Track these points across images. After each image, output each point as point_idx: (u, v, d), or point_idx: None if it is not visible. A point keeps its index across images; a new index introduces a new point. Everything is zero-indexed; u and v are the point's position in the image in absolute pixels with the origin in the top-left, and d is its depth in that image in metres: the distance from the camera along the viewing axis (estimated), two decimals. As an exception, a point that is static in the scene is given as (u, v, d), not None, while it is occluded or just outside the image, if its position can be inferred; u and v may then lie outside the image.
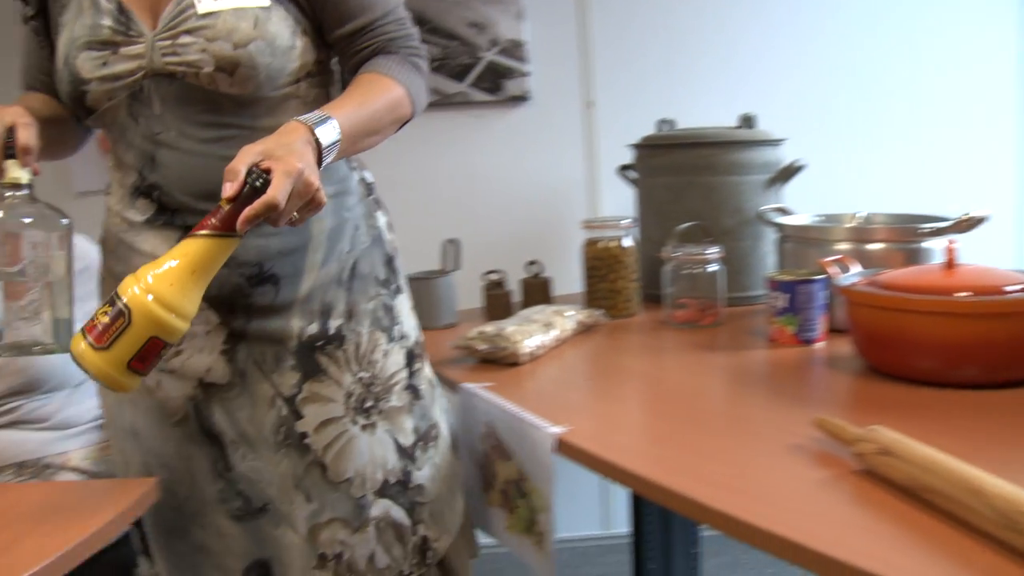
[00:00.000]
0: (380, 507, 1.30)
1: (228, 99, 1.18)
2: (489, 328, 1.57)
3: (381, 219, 1.38)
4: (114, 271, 1.28)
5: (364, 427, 1.28)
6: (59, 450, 1.76)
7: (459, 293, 1.95)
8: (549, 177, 2.57)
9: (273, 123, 1.12)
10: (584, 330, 1.76)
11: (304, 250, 1.25)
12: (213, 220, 1.00)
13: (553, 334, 1.63)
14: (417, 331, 1.41)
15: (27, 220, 1.09)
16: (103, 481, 1.14)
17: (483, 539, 1.48)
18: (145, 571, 1.38)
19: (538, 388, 1.45)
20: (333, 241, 1.27)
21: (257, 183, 0.99)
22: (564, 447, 1.18)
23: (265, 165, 1.00)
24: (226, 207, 1.00)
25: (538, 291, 1.98)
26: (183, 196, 1.19)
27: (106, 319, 0.97)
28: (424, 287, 1.89)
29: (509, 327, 1.57)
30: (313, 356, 1.25)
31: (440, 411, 1.43)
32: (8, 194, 1.09)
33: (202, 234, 0.99)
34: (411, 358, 1.36)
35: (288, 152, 1.01)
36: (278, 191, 0.98)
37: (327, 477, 1.26)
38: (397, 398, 1.32)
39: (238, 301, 1.23)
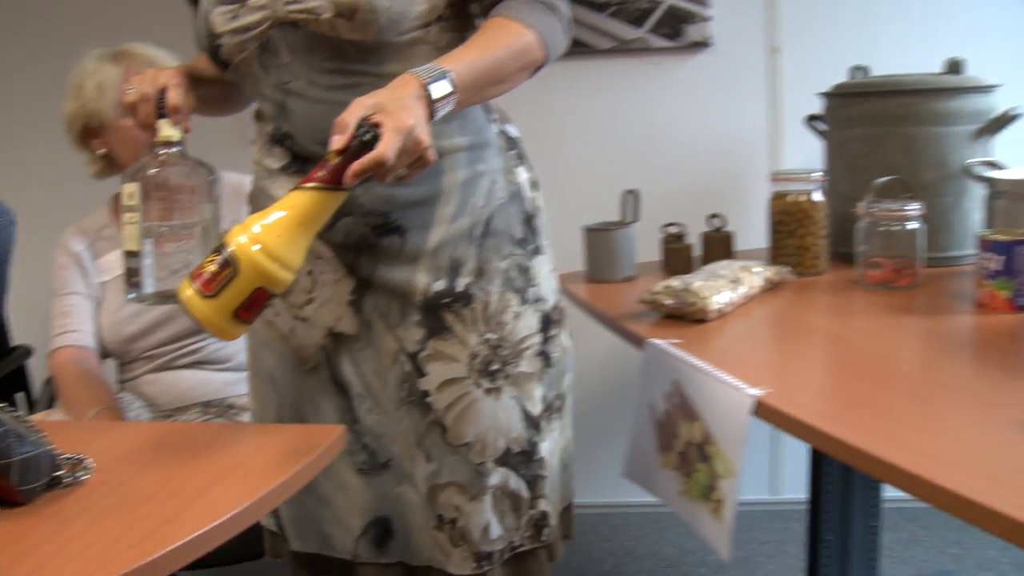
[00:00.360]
0: (499, 476, 1.26)
1: (352, 45, 1.15)
2: (675, 282, 1.51)
3: (522, 175, 1.32)
4: None
5: (488, 391, 1.24)
6: (241, 391, 1.80)
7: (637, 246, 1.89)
8: (730, 127, 2.47)
9: (401, 69, 1.09)
10: (770, 287, 1.68)
11: (434, 202, 1.21)
12: (321, 172, 0.99)
13: (741, 291, 1.56)
14: (557, 295, 1.35)
15: (178, 175, 1.14)
16: (295, 426, 1.15)
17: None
18: (266, 521, 1.39)
19: (725, 346, 1.39)
20: (466, 195, 1.23)
21: (366, 137, 0.98)
22: (762, 409, 1.11)
23: (375, 119, 0.99)
24: (334, 160, 0.99)
25: (720, 245, 1.90)
26: (313, 144, 1.18)
27: (214, 267, 0.97)
28: (602, 239, 1.84)
29: (696, 282, 1.50)
30: (439, 313, 1.22)
31: (567, 383, 1.38)
32: (161, 151, 1.15)
33: (309, 186, 0.99)
34: (547, 323, 1.31)
35: (399, 107, 0.99)
36: (387, 148, 0.97)
37: (447, 439, 1.24)
38: (527, 364, 1.27)
39: (364, 251, 1.21)
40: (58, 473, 0.97)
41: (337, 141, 0.98)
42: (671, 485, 1.31)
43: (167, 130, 1.15)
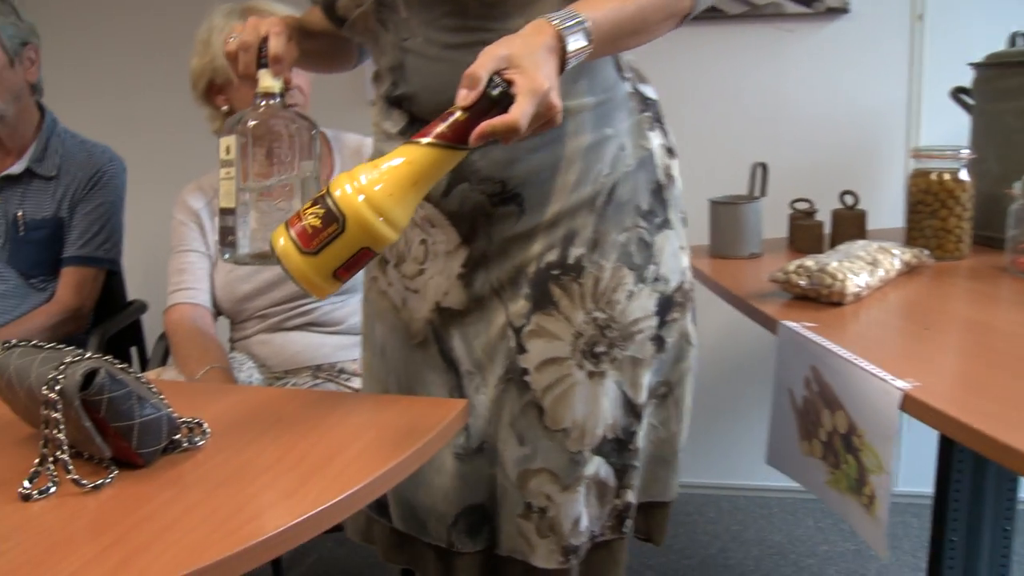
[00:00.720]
0: (593, 465, 1.18)
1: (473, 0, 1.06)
2: (809, 262, 1.42)
3: (655, 140, 1.20)
4: None
5: (591, 374, 1.15)
6: (353, 356, 1.78)
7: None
8: (866, 99, 2.34)
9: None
10: (907, 271, 1.57)
11: (554, 169, 1.12)
12: (442, 128, 0.89)
13: (879, 274, 1.46)
14: (683, 276, 1.23)
15: (277, 128, 1.06)
16: (415, 399, 1.11)
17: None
18: None
19: (862, 332, 1.30)
20: (590, 161, 1.13)
21: (495, 93, 0.89)
22: (908, 403, 1.03)
23: (508, 75, 0.89)
24: (460, 116, 0.89)
25: (852, 224, 1.80)
26: (432, 106, 1.09)
27: (317, 222, 0.88)
28: (729, 213, 1.76)
29: (832, 263, 1.41)
30: (546, 285, 1.13)
31: (686, 372, 1.27)
32: (261, 103, 1.07)
33: (427, 142, 0.89)
34: (666, 306, 1.19)
35: (534, 64, 0.89)
36: (522, 114, 0.87)
37: (543, 422, 1.15)
38: (637, 348, 1.17)
39: (479, 221, 1.14)
40: (176, 437, 0.95)
41: (465, 96, 0.89)
42: (816, 474, 1.24)
43: (267, 81, 1.08)
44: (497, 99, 0.89)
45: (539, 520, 1.17)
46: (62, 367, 0.88)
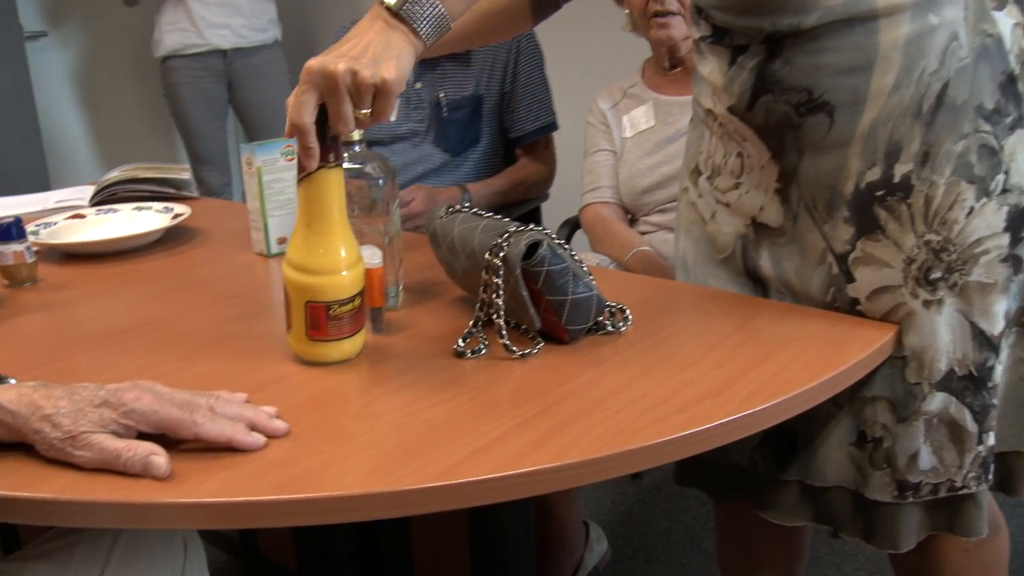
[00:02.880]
0: (937, 402, 1.03)
1: None
2: None
3: (1006, 21, 0.99)
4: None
5: (927, 303, 1.00)
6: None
7: None
8: None
9: None
10: None
11: (868, 69, 0.96)
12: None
13: None
14: None
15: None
16: (846, 317, 1.03)
17: None
18: None
19: None
20: (911, 57, 0.95)
21: None
22: None
23: None
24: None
25: None
26: (723, 14, 1.03)
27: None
28: None
29: None
30: (870, 208, 0.99)
31: None
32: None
33: (297, 183, 0.92)
34: (1021, 220, 1.00)
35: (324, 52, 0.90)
36: (290, 105, 0.88)
37: None
38: (984, 272, 0.99)
39: (787, 134, 1.02)
40: (600, 319, 0.96)
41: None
42: None
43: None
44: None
45: (873, 450, 1.07)
46: (507, 235, 0.91)
